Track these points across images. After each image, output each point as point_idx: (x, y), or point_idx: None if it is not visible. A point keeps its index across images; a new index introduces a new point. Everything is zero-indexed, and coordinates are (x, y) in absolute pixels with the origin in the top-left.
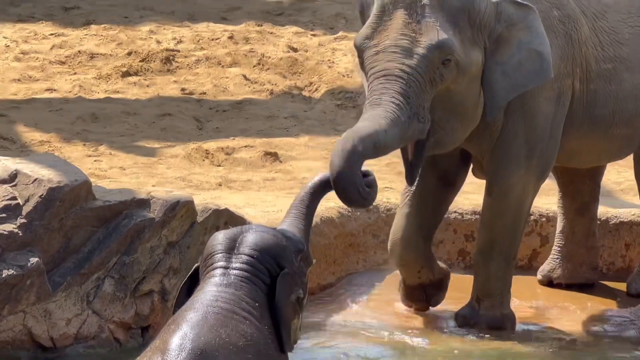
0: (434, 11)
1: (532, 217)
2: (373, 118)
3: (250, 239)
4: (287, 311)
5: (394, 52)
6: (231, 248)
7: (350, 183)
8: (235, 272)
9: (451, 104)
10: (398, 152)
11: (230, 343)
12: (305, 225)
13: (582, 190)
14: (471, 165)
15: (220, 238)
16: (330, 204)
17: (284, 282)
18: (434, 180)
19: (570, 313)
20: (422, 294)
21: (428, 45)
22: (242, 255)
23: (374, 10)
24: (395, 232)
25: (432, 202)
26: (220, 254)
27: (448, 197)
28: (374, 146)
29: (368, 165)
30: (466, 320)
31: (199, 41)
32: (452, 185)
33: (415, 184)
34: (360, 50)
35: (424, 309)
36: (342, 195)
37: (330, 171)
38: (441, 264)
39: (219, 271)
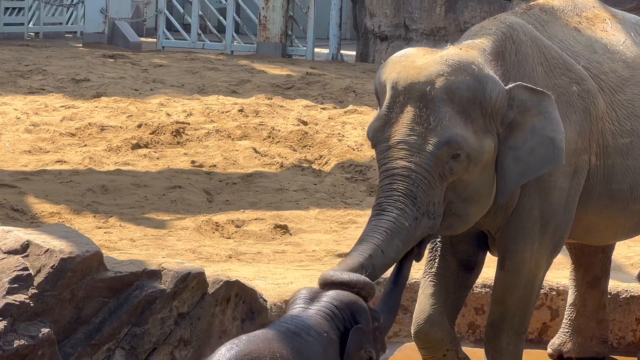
0: (444, 104)
1: (542, 291)
2: (368, 239)
3: (331, 293)
4: None
5: (402, 148)
6: (312, 299)
7: None
8: (312, 309)
9: (467, 194)
10: None
11: (281, 355)
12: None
13: (594, 263)
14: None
15: (303, 291)
16: None
17: (357, 334)
18: (455, 265)
19: None
20: None
21: (436, 142)
22: (322, 302)
23: (386, 99)
24: (420, 313)
25: (453, 285)
26: (300, 300)
27: (468, 281)
28: (374, 268)
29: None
30: None
31: (209, 114)
32: (472, 269)
33: (437, 265)
34: (372, 143)
35: None
36: None
37: None
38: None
39: (296, 309)
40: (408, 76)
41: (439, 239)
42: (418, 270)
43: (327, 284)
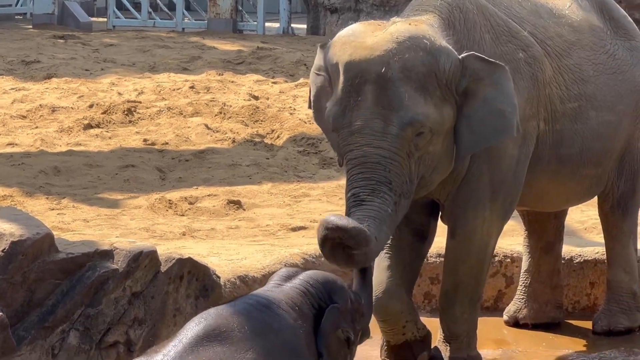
0: (402, 83)
1: (496, 258)
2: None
3: (308, 273)
4: (331, 342)
5: (366, 133)
6: (289, 277)
7: None
8: (286, 286)
9: (434, 163)
10: None
11: (249, 328)
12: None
13: (547, 228)
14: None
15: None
16: (295, 250)
17: (333, 313)
18: (409, 235)
19: (537, 353)
20: (409, 352)
21: (399, 123)
22: (296, 281)
23: (341, 84)
24: (378, 285)
25: (408, 256)
26: (277, 277)
27: (422, 251)
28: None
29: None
30: None
31: (160, 92)
32: (425, 238)
33: (391, 238)
34: (333, 128)
35: None
36: None
37: None
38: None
39: (270, 285)
40: (361, 58)
41: None
42: None
43: (325, 228)
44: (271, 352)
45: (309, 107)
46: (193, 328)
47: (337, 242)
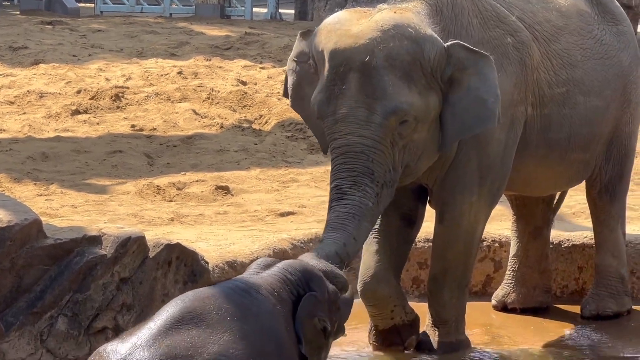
0: (386, 72)
1: (485, 243)
2: (339, 227)
3: (287, 261)
4: (308, 328)
5: (350, 122)
6: (267, 266)
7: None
8: (265, 273)
9: (419, 151)
10: None
11: (227, 311)
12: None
13: (535, 213)
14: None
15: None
16: (283, 235)
17: (309, 300)
18: (397, 220)
19: (525, 337)
20: (397, 337)
21: (383, 112)
22: (275, 268)
23: (326, 71)
24: (366, 270)
25: (397, 241)
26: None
27: (410, 236)
28: (348, 255)
29: None
30: (422, 347)
31: (148, 77)
32: (413, 223)
33: (380, 222)
34: (318, 115)
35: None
36: None
37: None
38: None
39: (248, 272)
40: (346, 46)
41: None
42: None
43: None
44: (249, 335)
45: (284, 95)
46: (169, 310)
47: None
